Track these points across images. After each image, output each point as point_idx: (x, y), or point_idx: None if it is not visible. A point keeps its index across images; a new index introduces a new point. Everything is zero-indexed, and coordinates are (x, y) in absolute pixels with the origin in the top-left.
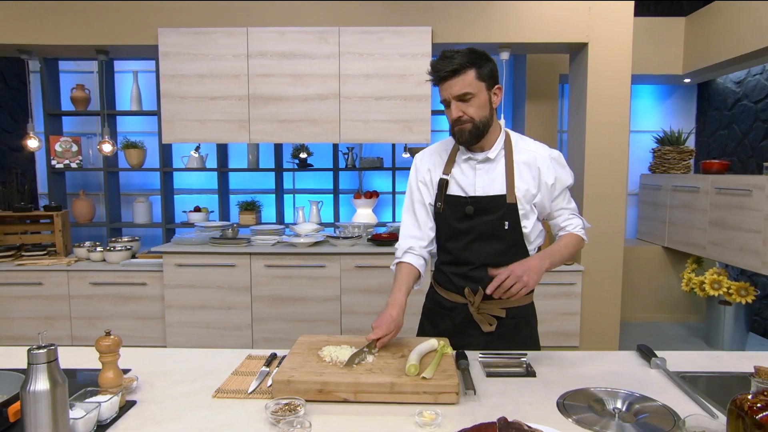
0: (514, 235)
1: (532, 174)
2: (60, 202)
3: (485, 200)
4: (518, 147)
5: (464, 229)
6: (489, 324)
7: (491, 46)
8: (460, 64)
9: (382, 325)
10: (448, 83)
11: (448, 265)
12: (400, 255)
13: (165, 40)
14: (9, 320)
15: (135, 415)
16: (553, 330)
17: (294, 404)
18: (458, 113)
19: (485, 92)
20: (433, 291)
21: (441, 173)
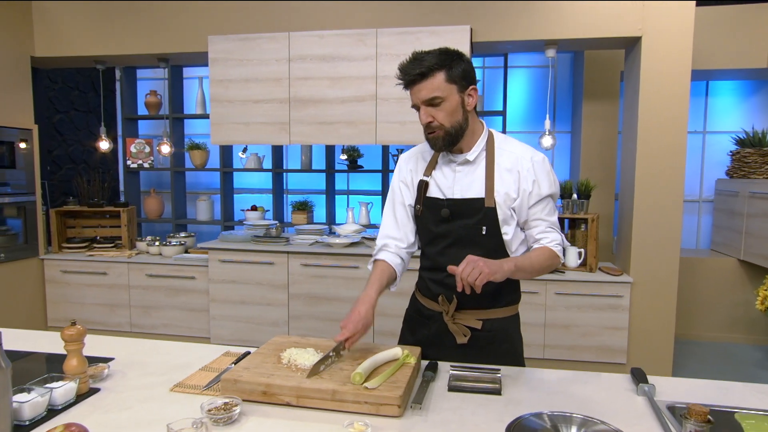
0: (494, 242)
1: (512, 177)
2: (134, 199)
3: (462, 203)
4: (501, 149)
5: (441, 233)
6: (463, 335)
7: (536, 43)
8: (429, 66)
9: (350, 324)
10: (417, 87)
11: (426, 270)
12: (376, 252)
13: (214, 47)
14: (80, 305)
15: (91, 402)
16: (596, 344)
17: (231, 404)
18: (428, 119)
19: (456, 95)
20: (414, 298)
21: (422, 175)
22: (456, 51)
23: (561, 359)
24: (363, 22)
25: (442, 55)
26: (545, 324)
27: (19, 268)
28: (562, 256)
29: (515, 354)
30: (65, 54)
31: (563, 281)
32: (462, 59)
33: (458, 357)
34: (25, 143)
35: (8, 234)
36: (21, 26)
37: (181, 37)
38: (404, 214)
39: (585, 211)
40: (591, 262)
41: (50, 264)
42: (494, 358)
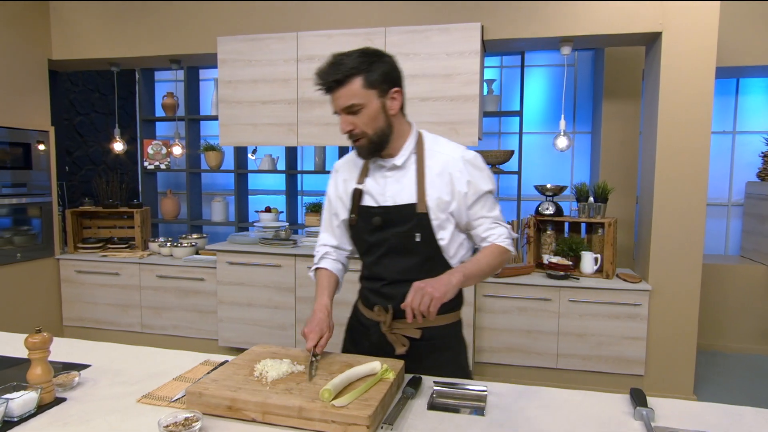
0: (429, 249)
1: (444, 180)
2: (151, 200)
3: (394, 210)
4: (431, 150)
5: (375, 242)
6: (402, 345)
7: (550, 40)
8: (345, 72)
9: (315, 329)
10: (335, 94)
11: (364, 279)
12: (317, 261)
13: (223, 48)
14: (93, 305)
15: (53, 413)
16: (612, 355)
17: (192, 419)
18: (347, 127)
19: (377, 100)
20: (356, 307)
21: (355, 182)
22: (376, 52)
23: (575, 369)
24: (371, 21)
25: (360, 57)
26: (558, 332)
27: (36, 267)
28: (512, 249)
29: (458, 362)
30: (81, 57)
31: (577, 288)
32: (382, 60)
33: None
34: (43, 145)
35: (28, 234)
36: (39, 29)
37: (191, 39)
38: (338, 224)
39: (602, 215)
40: (608, 269)
41: (65, 264)
42: (436, 368)
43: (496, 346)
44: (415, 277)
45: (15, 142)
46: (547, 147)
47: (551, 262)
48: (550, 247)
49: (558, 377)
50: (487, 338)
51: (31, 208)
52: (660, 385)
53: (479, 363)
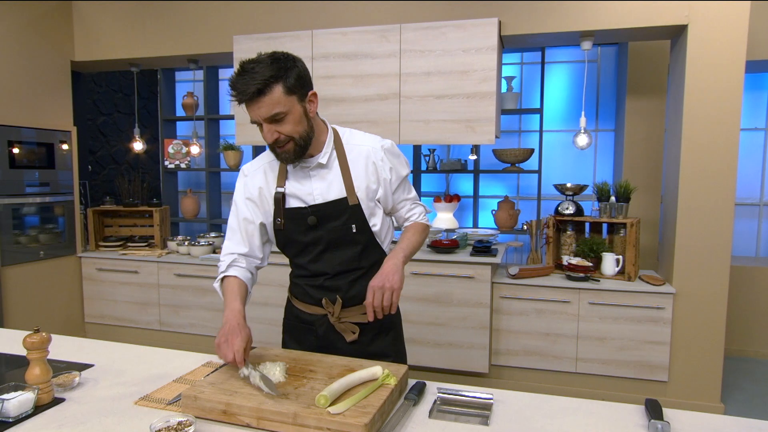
0: (365, 237)
1: (368, 170)
2: (172, 199)
3: (327, 207)
4: (350, 144)
5: (311, 241)
6: (352, 332)
7: (570, 35)
8: (263, 81)
9: (237, 337)
10: (255, 105)
11: (302, 278)
12: (223, 269)
13: (239, 47)
14: (113, 302)
15: (50, 414)
16: (634, 359)
17: (185, 423)
18: (273, 135)
19: (298, 105)
20: (290, 305)
21: (275, 187)
22: (286, 56)
23: (595, 374)
24: (386, 18)
25: (274, 64)
26: (578, 336)
27: (59, 265)
28: (430, 222)
29: (398, 343)
30: (102, 58)
31: (598, 290)
32: (295, 65)
33: (350, 355)
34: (66, 145)
35: (52, 232)
36: (62, 32)
37: (208, 38)
38: (252, 230)
39: (624, 215)
40: (629, 270)
41: (87, 262)
42: (383, 348)
43: (514, 349)
44: (356, 266)
45: (40, 142)
46: (568, 145)
47: (571, 263)
48: (570, 248)
49: (577, 382)
50: (504, 340)
51: (54, 206)
52: (685, 392)
53: (496, 366)
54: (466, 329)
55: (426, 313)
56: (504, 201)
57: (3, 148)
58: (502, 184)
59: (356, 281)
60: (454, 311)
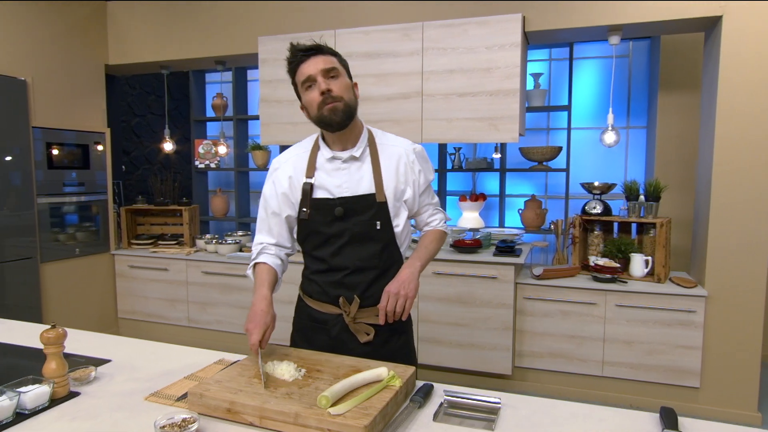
0: (387, 236)
1: (398, 170)
2: (202, 198)
3: (354, 200)
4: (383, 144)
5: (335, 232)
6: (366, 334)
7: (597, 30)
8: (320, 48)
9: (259, 324)
10: (313, 60)
11: (320, 274)
12: (255, 256)
13: (264, 48)
14: (145, 299)
15: (64, 408)
16: (664, 364)
17: (189, 421)
18: (326, 86)
19: (347, 77)
20: (303, 304)
21: (304, 178)
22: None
23: (622, 378)
24: (409, 16)
25: (329, 48)
26: (604, 339)
27: (94, 262)
28: (448, 231)
29: (410, 346)
30: (134, 61)
31: (625, 292)
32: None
33: (361, 356)
34: (101, 146)
35: (88, 230)
36: (97, 36)
37: (235, 40)
38: (278, 222)
39: (654, 214)
40: (659, 272)
41: (120, 259)
42: (394, 351)
43: (538, 351)
44: (375, 263)
45: (76, 143)
46: (598, 143)
47: (597, 264)
48: (598, 248)
49: (604, 386)
50: (528, 342)
51: (90, 205)
52: (719, 400)
53: (519, 368)
54: (488, 330)
55: (448, 313)
56: (531, 200)
57: (42, 150)
58: (529, 183)
59: (374, 281)
60: (476, 312)
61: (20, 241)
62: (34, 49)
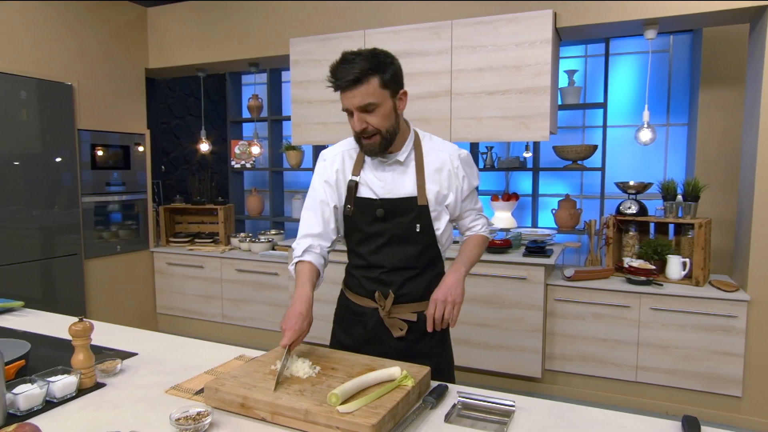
0: (427, 238)
1: (442, 175)
2: (238, 197)
3: (396, 203)
4: (428, 147)
5: (375, 232)
6: (399, 329)
7: (632, 24)
8: (362, 71)
9: (294, 326)
10: (350, 93)
11: (359, 269)
12: (299, 254)
13: (295, 49)
14: (181, 295)
15: (90, 398)
16: (702, 371)
17: (204, 414)
18: (362, 125)
19: (390, 100)
20: (343, 297)
21: (350, 175)
22: (386, 53)
23: (657, 384)
24: (437, 15)
25: (374, 58)
26: (638, 343)
27: (134, 259)
28: (490, 236)
29: (446, 343)
30: (172, 64)
31: (661, 295)
32: (393, 62)
33: (395, 351)
34: (141, 147)
35: (130, 228)
36: (138, 41)
37: (267, 42)
38: (327, 213)
39: (692, 214)
40: (698, 275)
41: (158, 256)
42: (428, 349)
43: (569, 354)
44: (413, 264)
45: (118, 144)
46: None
47: (632, 265)
48: (633, 249)
49: (638, 391)
50: (558, 345)
51: (131, 204)
52: (763, 410)
53: (550, 371)
54: (518, 332)
55: (476, 314)
56: (565, 200)
57: (88, 151)
58: (564, 183)
59: (410, 279)
60: (505, 313)
61: (66, 238)
62: (79, 54)
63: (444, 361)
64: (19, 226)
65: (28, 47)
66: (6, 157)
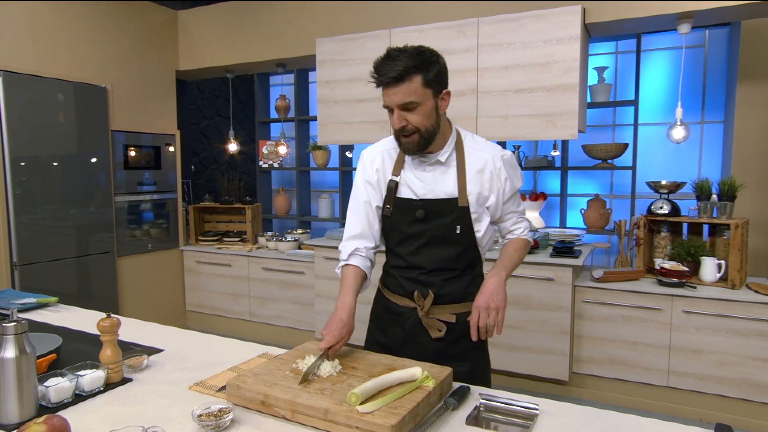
0: (467, 240)
1: (483, 176)
2: (266, 197)
3: (436, 203)
4: (470, 147)
5: (415, 233)
6: (438, 330)
7: (665, 18)
8: (405, 68)
9: (333, 332)
10: (392, 90)
11: (398, 269)
12: (345, 257)
13: (321, 49)
14: (210, 293)
15: (117, 392)
16: (738, 377)
17: (225, 411)
18: (401, 123)
19: (432, 99)
20: (381, 296)
21: (390, 174)
22: (432, 51)
23: (690, 389)
24: (463, 13)
25: (419, 56)
26: (670, 347)
27: (164, 257)
28: (531, 240)
29: (483, 346)
30: (202, 66)
31: (694, 298)
32: (437, 61)
33: (433, 351)
34: (171, 147)
35: (161, 227)
36: (168, 44)
37: (293, 42)
38: (371, 214)
39: (728, 215)
40: (734, 277)
41: (188, 254)
42: (466, 351)
43: (597, 357)
44: (452, 265)
45: (150, 145)
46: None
47: (664, 267)
48: (665, 250)
49: (669, 397)
50: (586, 347)
51: (161, 203)
52: None
53: (577, 374)
54: (544, 333)
55: None
56: (594, 199)
57: (121, 152)
58: (594, 182)
59: (449, 280)
60: (532, 314)
61: (100, 237)
62: (113, 58)
63: (480, 364)
64: (56, 224)
65: (65, 51)
66: (45, 158)
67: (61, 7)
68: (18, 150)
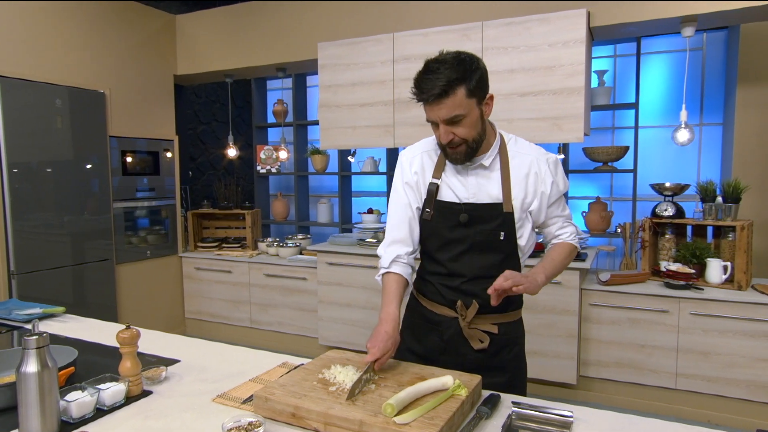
0: (509, 246)
1: (528, 180)
2: (263, 202)
3: (481, 208)
4: (513, 151)
5: (456, 238)
6: (480, 341)
7: (668, 22)
8: (448, 82)
9: (379, 344)
10: (436, 106)
11: (438, 276)
12: (386, 264)
13: (323, 53)
14: (210, 299)
15: (138, 405)
16: (746, 379)
17: (255, 424)
18: (449, 137)
19: (476, 108)
20: (416, 303)
21: (431, 177)
22: (471, 57)
23: (698, 392)
24: (468, 17)
25: (459, 66)
26: (678, 349)
27: (163, 263)
28: (579, 246)
29: (522, 356)
30: (200, 70)
31: (701, 300)
32: (478, 66)
33: (473, 362)
34: (170, 153)
35: (159, 233)
36: (167, 49)
37: (295, 47)
38: (411, 217)
39: (733, 216)
40: (740, 279)
41: (186, 261)
42: (505, 362)
43: (604, 360)
44: (495, 273)
45: (147, 151)
46: (667, 142)
47: (670, 269)
48: (669, 252)
49: (678, 399)
50: (593, 351)
51: (160, 210)
52: None
53: (585, 377)
54: (552, 337)
55: None
56: (595, 202)
57: (118, 158)
58: (594, 185)
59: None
60: (539, 318)
61: (98, 244)
62: (111, 62)
63: (518, 375)
64: (54, 232)
65: (63, 56)
66: (42, 164)
67: (59, 11)
68: (15, 156)
